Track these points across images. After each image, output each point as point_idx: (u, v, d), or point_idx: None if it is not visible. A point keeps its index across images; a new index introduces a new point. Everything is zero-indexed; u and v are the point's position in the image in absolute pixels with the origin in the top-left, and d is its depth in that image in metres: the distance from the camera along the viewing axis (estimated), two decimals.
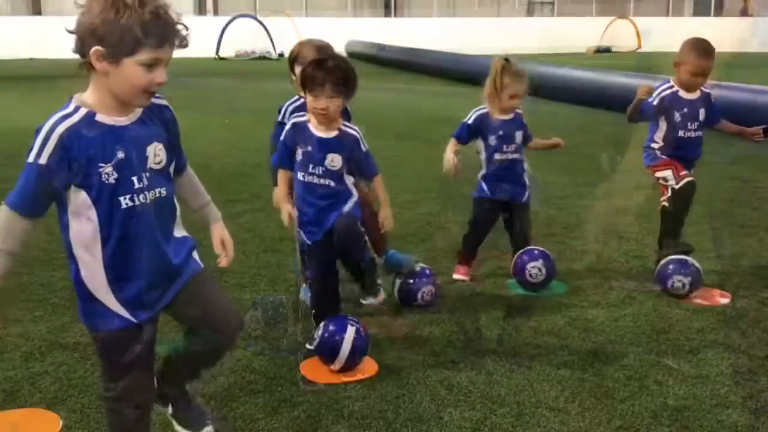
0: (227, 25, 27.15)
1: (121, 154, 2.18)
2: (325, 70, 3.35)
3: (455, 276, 4.62)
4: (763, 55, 27.46)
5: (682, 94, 4.50)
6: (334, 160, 3.45)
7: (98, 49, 2.08)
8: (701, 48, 4.44)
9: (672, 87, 4.51)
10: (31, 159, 2.12)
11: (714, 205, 6.41)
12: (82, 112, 2.15)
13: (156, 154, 2.27)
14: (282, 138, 3.55)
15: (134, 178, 2.21)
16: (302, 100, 3.97)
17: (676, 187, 4.48)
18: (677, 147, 4.52)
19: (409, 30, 29.99)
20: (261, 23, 27.32)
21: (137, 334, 2.37)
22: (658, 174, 4.57)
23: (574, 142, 9.69)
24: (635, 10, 35.92)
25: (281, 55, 27.36)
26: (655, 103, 4.47)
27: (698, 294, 4.28)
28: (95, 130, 2.15)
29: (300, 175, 3.50)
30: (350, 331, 3.38)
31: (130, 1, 2.06)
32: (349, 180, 3.54)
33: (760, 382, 3.31)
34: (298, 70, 3.92)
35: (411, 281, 4.13)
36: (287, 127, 3.55)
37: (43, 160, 2.11)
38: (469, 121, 4.49)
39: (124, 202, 2.21)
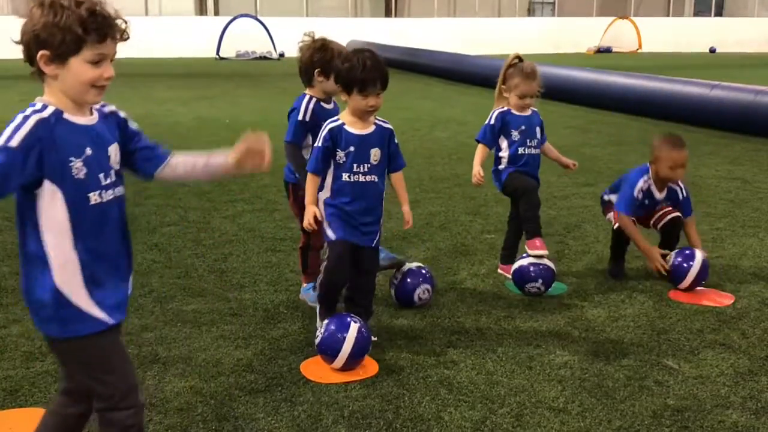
0: (228, 25, 27.17)
1: (89, 150, 2.21)
2: (374, 68, 3.44)
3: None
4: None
5: (654, 189, 4.61)
6: (376, 155, 3.56)
7: (44, 53, 2.14)
8: (674, 141, 4.56)
9: (648, 181, 4.58)
10: (0, 142, 2.09)
11: (715, 205, 6.42)
12: (51, 109, 2.18)
13: (115, 154, 2.31)
14: (320, 144, 3.54)
15: (101, 175, 2.24)
16: (314, 99, 3.99)
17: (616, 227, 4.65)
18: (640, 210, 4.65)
19: (410, 30, 30.01)
20: (262, 23, 27.34)
21: (117, 335, 2.35)
22: (606, 216, 4.86)
23: (574, 143, 9.70)
24: (636, 11, 35.93)
25: (282, 55, 27.37)
26: (635, 195, 4.58)
27: (699, 294, 4.29)
28: (65, 126, 2.18)
29: (345, 176, 3.54)
30: (353, 329, 3.39)
31: (66, 3, 2.12)
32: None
33: (761, 383, 3.31)
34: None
35: (407, 281, 4.10)
36: (324, 133, 3.54)
37: (14, 143, 2.08)
38: (492, 122, 4.51)
39: (93, 198, 2.22)
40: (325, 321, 3.50)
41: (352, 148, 3.52)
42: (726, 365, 3.47)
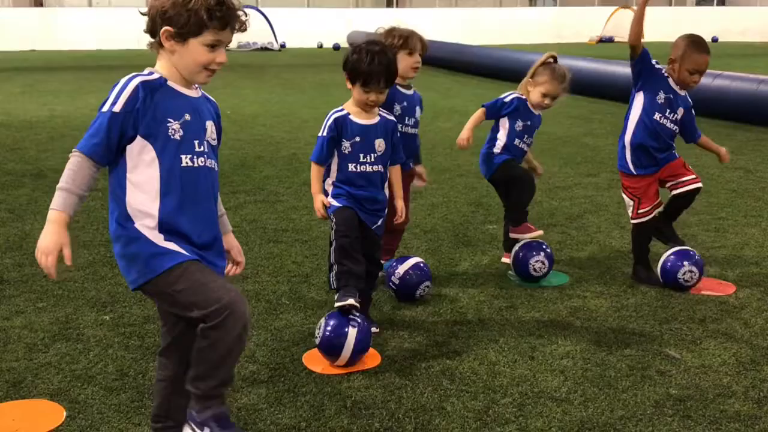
0: None
1: (187, 116, 2.37)
2: (380, 65, 3.44)
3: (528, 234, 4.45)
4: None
5: (673, 84, 4.35)
6: (381, 145, 3.58)
7: (168, 29, 2.31)
8: (699, 43, 4.31)
9: (666, 72, 4.38)
10: (105, 108, 2.28)
11: (717, 194, 6.41)
12: (156, 75, 2.36)
13: (212, 130, 2.47)
14: (325, 134, 3.54)
15: (196, 141, 2.39)
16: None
17: (633, 222, 4.46)
18: (652, 134, 4.32)
19: (411, 20, 29.93)
20: (263, 14, 27.29)
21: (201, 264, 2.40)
22: (624, 196, 4.48)
23: (576, 133, 9.69)
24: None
25: (283, 46, 27.33)
26: (654, 64, 4.35)
27: (701, 284, 4.28)
28: (167, 91, 2.36)
29: (352, 167, 3.54)
30: (352, 331, 3.34)
31: None
32: None
33: (763, 372, 3.31)
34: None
35: (408, 276, 4.05)
36: (329, 122, 3.54)
37: (117, 108, 2.27)
38: (507, 100, 4.50)
39: (185, 160, 2.37)
40: (323, 318, 3.45)
41: (357, 138, 3.53)
42: (728, 355, 3.48)
